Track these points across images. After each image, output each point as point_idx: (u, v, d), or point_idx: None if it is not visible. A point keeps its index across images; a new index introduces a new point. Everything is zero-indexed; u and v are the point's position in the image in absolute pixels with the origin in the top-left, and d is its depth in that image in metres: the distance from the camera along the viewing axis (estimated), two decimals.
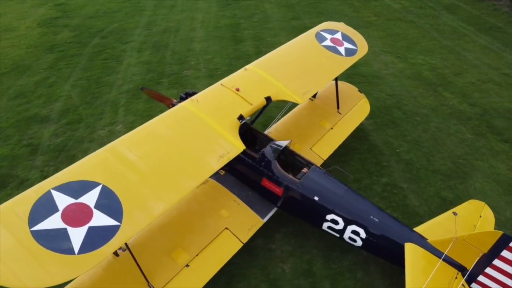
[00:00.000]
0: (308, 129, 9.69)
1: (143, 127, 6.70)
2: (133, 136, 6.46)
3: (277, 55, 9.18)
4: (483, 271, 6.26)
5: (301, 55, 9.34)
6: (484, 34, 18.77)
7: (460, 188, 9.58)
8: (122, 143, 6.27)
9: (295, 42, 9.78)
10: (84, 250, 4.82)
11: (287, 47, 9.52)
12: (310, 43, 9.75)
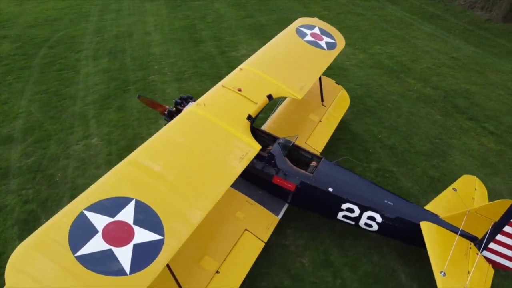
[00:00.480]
0: (299, 124, 9.87)
1: (158, 136, 6.44)
2: (151, 147, 6.20)
3: (266, 53, 9.24)
4: (493, 239, 6.81)
5: (288, 52, 9.49)
6: (427, 22, 20.21)
7: (443, 166, 10.30)
8: (141, 154, 5.99)
9: (279, 40, 9.90)
10: (136, 269, 4.58)
11: (272, 45, 9.61)
12: (293, 40, 9.92)
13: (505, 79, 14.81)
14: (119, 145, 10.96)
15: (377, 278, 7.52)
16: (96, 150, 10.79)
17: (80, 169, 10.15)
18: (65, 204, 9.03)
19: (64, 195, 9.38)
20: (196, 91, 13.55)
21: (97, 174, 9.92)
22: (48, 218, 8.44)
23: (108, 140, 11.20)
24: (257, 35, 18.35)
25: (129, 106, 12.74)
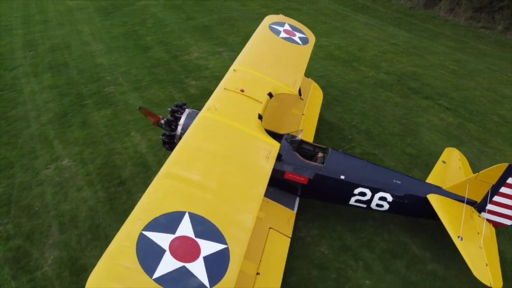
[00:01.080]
0: (285, 119, 10.07)
1: (183, 146, 6.20)
2: (180, 157, 5.97)
3: (250, 53, 9.29)
4: (491, 200, 7.63)
5: (270, 50, 9.63)
6: (360, 13, 21.57)
7: (417, 143, 11.19)
8: (174, 166, 5.75)
9: (257, 39, 9.98)
10: (214, 281, 4.45)
11: (253, 44, 9.66)
12: (270, 38, 10.08)
13: (442, 59, 16.39)
14: (96, 163, 10.28)
15: (393, 254, 8.00)
16: (71, 172, 10.01)
17: (60, 194, 9.36)
18: (56, 234, 8.40)
19: (51, 225, 8.60)
20: (161, 98, 13.16)
21: (81, 197, 9.26)
22: (41, 252, 7.89)
23: (81, 159, 10.44)
24: (204, 36, 18.20)
25: (93, 121, 11.97)
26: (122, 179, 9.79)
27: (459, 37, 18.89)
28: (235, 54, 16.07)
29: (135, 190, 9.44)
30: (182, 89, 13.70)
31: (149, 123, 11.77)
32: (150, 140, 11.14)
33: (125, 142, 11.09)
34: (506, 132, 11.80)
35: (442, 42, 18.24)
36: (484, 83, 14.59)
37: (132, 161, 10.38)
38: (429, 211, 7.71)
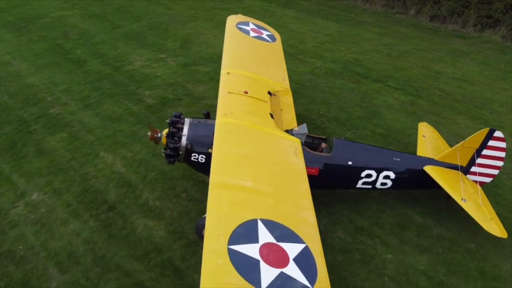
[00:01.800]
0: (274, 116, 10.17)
1: (219, 154, 6.00)
2: (222, 165, 5.78)
3: (233, 54, 9.20)
4: (475, 163, 8.60)
5: (247, 50, 9.66)
6: (286, 8, 22.37)
7: (383, 123, 12.08)
8: (222, 175, 5.57)
9: (231, 40, 9.90)
10: (313, 280, 4.52)
11: (230, 46, 9.58)
12: (243, 38, 10.09)
13: (374, 44, 17.79)
14: (73, 192, 9.38)
15: (401, 226, 8.63)
16: (47, 206, 9.02)
17: (44, 231, 8.40)
18: (57, 276, 7.57)
19: (46, 267, 7.70)
20: (119, 113, 12.38)
21: (70, 230, 8.44)
22: None
23: (54, 190, 9.46)
24: (140, 44, 17.43)
25: (49, 148, 10.87)
26: (110, 203, 9.08)
27: (380, 23, 20.62)
28: (181, 59, 15.91)
29: (129, 212, 8.84)
30: (138, 101, 13.01)
31: (116, 140, 11.07)
32: (125, 157, 10.46)
33: (97, 164, 10.26)
34: (451, 103, 13.28)
35: (368, 29, 19.76)
36: (417, 62, 16.19)
37: (113, 182, 9.66)
38: (427, 182, 8.45)
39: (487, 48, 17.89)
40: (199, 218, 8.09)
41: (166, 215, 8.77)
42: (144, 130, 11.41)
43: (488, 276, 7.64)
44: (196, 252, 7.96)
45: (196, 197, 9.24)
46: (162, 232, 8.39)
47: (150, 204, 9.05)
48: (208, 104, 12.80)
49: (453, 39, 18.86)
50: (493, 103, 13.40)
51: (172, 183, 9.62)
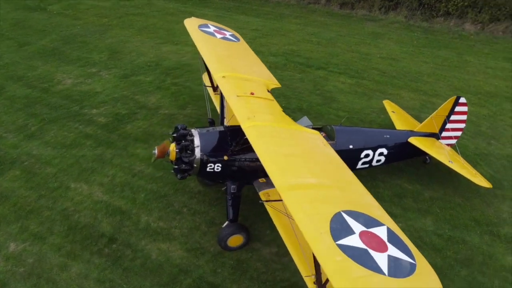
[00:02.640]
0: None
1: (268, 158, 5.84)
2: (279, 168, 5.68)
3: (215, 57, 8.95)
4: (445, 128, 9.71)
5: (224, 51, 9.49)
6: (202, 7, 22.21)
7: (341, 106, 12.86)
8: (285, 177, 5.50)
9: (204, 44, 9.57)
10: (417, 260, 4.70)
11: (207, 50, 9.25)
12: (212, 40, 9.87)
13: (301, 35, 18.66)
14: (58, 232, 8.36)
15: (398, 196, 9.38)
16: (34, 254, 7.92)
17: (43, 284, 7.36)
18: None
19: None
20: (72, 138, 11.25)
21: (74, 274, 7.55)
22: None
23: (34, 236, 8.32)
24: (61, 59, 15.93)
25: (5, 190, 9.49)
26: (108, 235, 8.28)
27: (298, 14, 21.65)
28: (117, 71, 14.93)
29: (135, 240, 8.17)
30: (88, 122, 11.92)
31: (83, 168, 10.07)
32: (102, 184, 9.58)
33: (73, 197, 9.24)
34: (390, 80, 14.63)
35: (290, 20, 20.61)
36: (345, 47, 17.43)
37: (101, 213, 8.81)
38: (411, 152, 9.34)
39: (396, 28, 19.98)
40: (221, 229, 7.83)
41: (176, 234, 8.31)
42: (110, 151, 10.57)
43: (482, 223, 8.76)
44: (225, 264, 7.72)
45: (199, 210, 8.89)
46: (180, 252, 7.94)
47: (153, 227, 8.47)
48: (167, 113, 12.28)
49: (366, 22, 20.66)
50: (422, 76, 15.10)
51: (167, 201, 9.10)
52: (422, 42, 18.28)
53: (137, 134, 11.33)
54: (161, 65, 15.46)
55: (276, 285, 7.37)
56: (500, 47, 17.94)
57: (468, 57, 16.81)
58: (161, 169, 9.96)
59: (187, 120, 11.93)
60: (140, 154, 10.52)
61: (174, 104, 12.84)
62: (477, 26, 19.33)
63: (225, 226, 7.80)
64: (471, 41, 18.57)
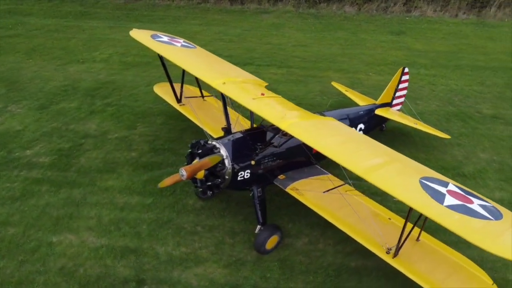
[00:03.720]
0: None
1: (329, 150, 6.11)
2: (346, 157, 5.99)
3: (198, 66, 8.74)
4: (394, 96, 11.08)
5: (196, 58, 9.30)
6: (88, 19, 20.44)
7: (285, 95, 13.22)
8: (357, 164, 5.81)
9: (170, 52, 9.12)
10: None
11: (183, 59, 9.01)
12: (176, 49, 9.54)
13: (209, 35, 18.73)
14: (53, 270, 7.24)
15: None
16: None
17: None
18: None
19: None
20: (19, 188, 9.63)
21: None
22: None
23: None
24: None
25: None
26: (134, 279, 7.41)
27: (195, 15, 21.49)
28: (30, 103, 13.24)
29: (165, 276, 7.47)
30: (28, 165, 10.22)
31: (55, 216, 8.77)
32: (90, 228, 8.46)
33: (64, 251, 7.95)
34: (313, 65, 15.79)
35: (189, 22, 20.36)
36: (257, 41, 18.07)
37: (110, 258, 7.81)
38: (378, 122, 10.54)
39: (290, 17, 21.39)
40: (257, 235, 7.73)
41: (205, 255, 7.89)
42: (78, 191, 9.34)
43: (449, 169, 10.30)
44: (270, 267, 7.66)
45: (213, 224, 8.55)
46: (219, 270, 7.58)
47: (177, 255, 7.88)
48: (118, 137, 11.27)
49: (261, 15, 21.62)
50: (336, 56, 16.65)
51: (176, 225, 8.52)
52: (318, 27, 20.01)
53: (97, 165, 10.17)
54: (78, 87, 13.94)
55: (327, 270, 7.62)
56: (380, 23, 20.76)
57: (362, 35, 19.07)
58: (148, 195, 9.24)
59: (146, 139, 11.15)
60: (116, 186, 9.54)
61: (120, 126, 11.81)
62: (355, 8, 21.96)
63: (260, 231, 7.72)
64: (356, 21, 21.05)
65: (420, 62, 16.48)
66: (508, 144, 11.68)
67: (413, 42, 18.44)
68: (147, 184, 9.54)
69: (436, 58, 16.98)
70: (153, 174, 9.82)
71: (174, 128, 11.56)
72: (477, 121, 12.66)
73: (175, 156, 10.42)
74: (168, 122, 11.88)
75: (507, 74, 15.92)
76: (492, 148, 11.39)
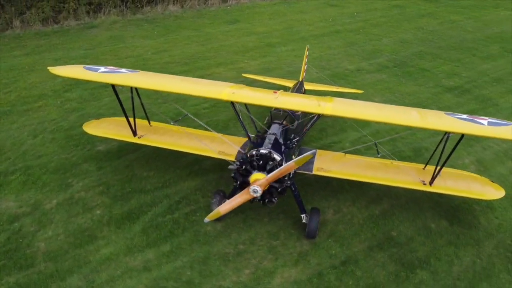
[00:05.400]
0: None
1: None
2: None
3: (185, 86, 8.26)
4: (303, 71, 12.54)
5: (166, 79, 8.66)
6: None
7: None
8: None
9: (135, 80, 8.15)
10: None
11: (161, 83, 8.35)
12: (130, 75, 8.47)
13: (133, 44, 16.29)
14: None
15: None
16: None
17: None
18: None
19: None
20: None
21: None
22: None
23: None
24: None
25: None
26: None
27: (15, 46, 17.62)
28: None
29: None
30: None
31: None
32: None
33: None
34: (195, 65, 15.71)
35: (14, 55, 16.68)
36: (114, 56, 16.49)
37: None
38: None
39: (123, 26, 19.91)
40: (309, 223, 7.92)
41: (269, 266, 7.67)
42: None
43: None
44: (328, 244, 8.03)
45: (252, 237, 8.25)
46: (294, 270, 7.54)
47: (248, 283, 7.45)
48: (59, 202, 9.10)
49: (90, 30, 19.48)
50: (203, 53, 16.90)
51: (210, 248, 7.88)
52: (161, 31, 19.43)
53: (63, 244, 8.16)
54: None
55: (370, 222, 8.61)
56: (210, 16, 21.78)
57: (206, 29, 19.74)
58: (163, 243, 8.12)
59: (97, 191, 9.40)
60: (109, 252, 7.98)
61: (47, 190, 9.46)
62: (178, 6, 22.25)
63: (309, 219, 7.96)
64: (188, 18, 21.44)
65: (273, 41, 18.41)
66: (380, 86, 14.69)
67: (252, 27, 20.22)
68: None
69: (282, 35, 19.26)
70: (146, 220, 8.58)
71: (119, 167, 10.07)
72: (351, 75, 15.35)
73: (152, 192, 9.26)
74: (106, 164, 10.20)
75: (337, 36, 19.53)
76: (374, 90, 14.20)
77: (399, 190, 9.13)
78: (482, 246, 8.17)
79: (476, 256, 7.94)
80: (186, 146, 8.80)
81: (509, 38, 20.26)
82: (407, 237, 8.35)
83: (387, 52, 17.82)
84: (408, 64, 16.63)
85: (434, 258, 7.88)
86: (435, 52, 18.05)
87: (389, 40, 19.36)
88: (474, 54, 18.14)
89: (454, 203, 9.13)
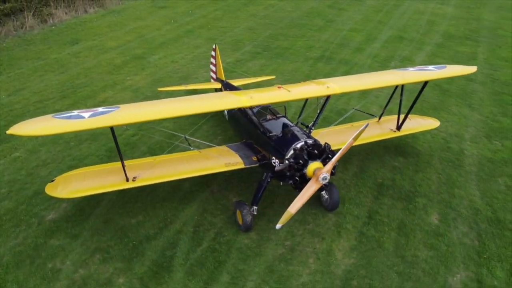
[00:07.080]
0: None
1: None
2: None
3: (180, 107, 7.74)
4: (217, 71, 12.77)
5: (146, 106, 7.65)
6: None
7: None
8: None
9: (125, 113, 7.03)
10: None
11: (153, 112, 7.43)
12: (115, 113, 7.32)
13: None
14: None
15: None
16: None
17: None
18: None
19: None
20: None
21: None
22: None
23: None
24: None
25: None
26: None
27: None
28: None
29: None
30: None
31: None
32: None
33: None
34: (113, 77, 13.70)
35: None
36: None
37: None
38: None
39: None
40: (328, 197, 8.69)
41: (307, 249, 8.18)
42: None
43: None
44: (349, 209, 9.06)
45: (288, 230, 8.48)
46: (348, 245, 8.23)
47: None
48: None
49: None
50: (112, 62, 15.29)
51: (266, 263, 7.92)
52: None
53: None
54: None
55: (377, 181, 9.87)
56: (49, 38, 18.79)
57: (57, 54, 17.09)
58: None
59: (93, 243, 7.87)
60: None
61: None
62: None
63: (329, 192, 8.72)
64: (14, 48, 17.97)
65: (138, 53, 17.29)
66: (268, 70, 15.95)
67: (101, 43, 18.27)
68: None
69: (141, 45, 18.28)
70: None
71: (97, 227, 8.53)
72: (237, 66, 16.02)
73: (161, 234, 8.31)
74: (78, 230, 8.40)
75: (194, 34, 19.78)
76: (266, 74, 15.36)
77: (368, 145, 10.62)
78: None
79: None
80: (189, 171, 8.27)
81: (322, 12, 24.34)
82: (389, 178, 10.04)
83: (246, 40, 19.15)
84: (272, 47, 18.37)
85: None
86: (282, 33, 20.36)
87: (239, 29, 20.73)
88: (310, 28, 21.25)
89: (399, 144, 11.28)
